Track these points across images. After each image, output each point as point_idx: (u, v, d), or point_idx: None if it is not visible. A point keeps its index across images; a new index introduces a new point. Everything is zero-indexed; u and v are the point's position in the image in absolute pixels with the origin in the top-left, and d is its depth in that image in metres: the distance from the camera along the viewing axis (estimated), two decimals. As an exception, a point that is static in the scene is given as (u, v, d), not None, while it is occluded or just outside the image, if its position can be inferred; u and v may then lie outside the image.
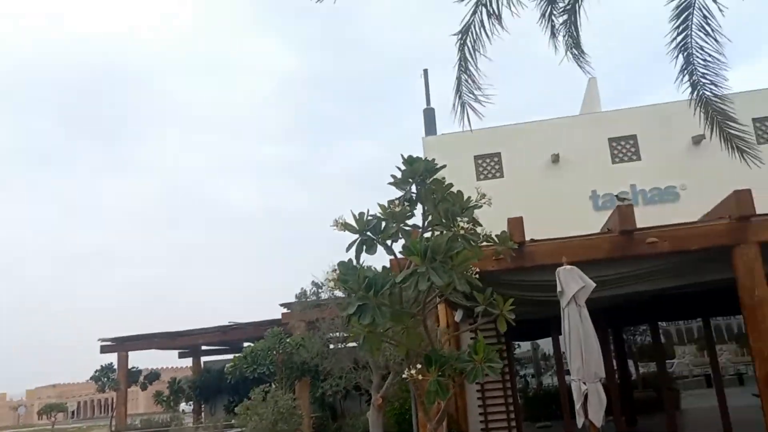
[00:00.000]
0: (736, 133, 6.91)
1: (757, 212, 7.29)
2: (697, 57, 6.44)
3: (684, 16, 6.35)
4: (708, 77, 6.54)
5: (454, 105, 6.99)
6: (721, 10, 5.98)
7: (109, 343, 21.95)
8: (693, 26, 6.33)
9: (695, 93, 6.65)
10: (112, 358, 22.54)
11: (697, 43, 6.38)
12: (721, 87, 6.56)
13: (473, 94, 6.92)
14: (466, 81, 6.87)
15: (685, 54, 6.49)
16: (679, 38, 6.45)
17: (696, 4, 6.17)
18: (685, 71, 6.57)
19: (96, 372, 22.99)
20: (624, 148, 14.61)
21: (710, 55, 6.37)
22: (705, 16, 6.20)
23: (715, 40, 6.23)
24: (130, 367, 22.67)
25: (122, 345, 21.94)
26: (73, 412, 75.62)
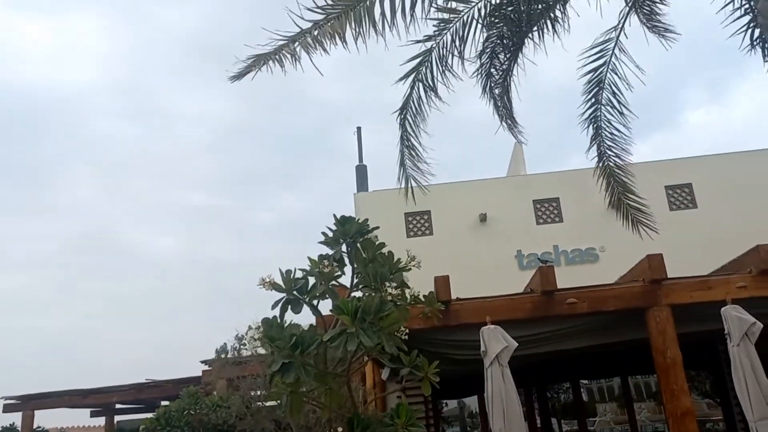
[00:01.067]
0: (635, 204, 7.36)
1: (669, 275, 7.66)
2: (605, 130, 6.91)
3: (594, 91, 6.84)
4: (614, 149, 7.01)
5: (398, 177, 7.22)
6: (628, 88, 6.48)
7: (13, 401, 20.41)
8: (602, 101, 6.81)
9: (602, 163, 7.10)
10: (16, 417, 20.93)
11: (605, 116, 6.86)
12: (624, 159, 7.02)
13: (417, 167, 7.19)
14: (409, 155, 7.11)
15: (595, 126, 6.95)
16: (590, 111, 6.92)
17: (606, 82, 6.66)
18: (594, 141, 7.03)
19: (-4, 433, 21.29)
20: (548, 210, 15.20)
21: (617, 129, 6.86)
22: (614, 93, 6.69)
23: (621, 114, 6.71)
24: (35, 427, 21.08)
25: (28, 403, 20.41)
26: (-34, 478, 69.19)
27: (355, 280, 4.55)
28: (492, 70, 7.61)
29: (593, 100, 6.77)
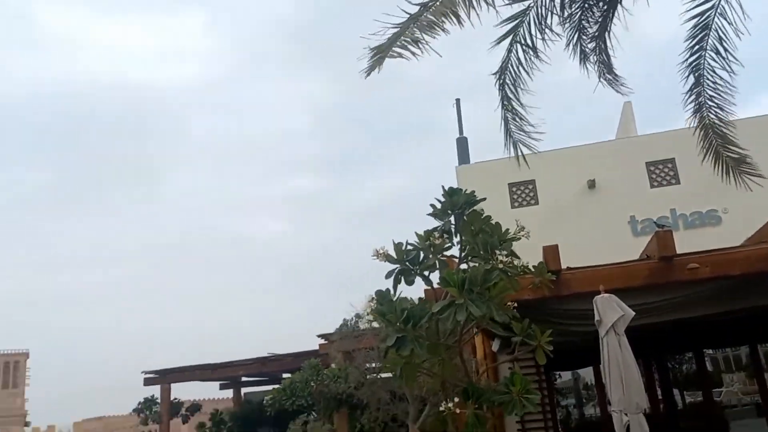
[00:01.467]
0: (736, 156, 6.84)
1: (802, 236, 7.12)
2: (708, 79, 6.42)
3: (699, 36, 6.35)
4: (715, 100, 6.51)
5: (504, 143, 7.14)
6: (737, 34, 5.98)
7: (152, 375, 22.27)
8: (707, 48, 6.33)
9: (699, 114, 6.63)
10: (155, 390, 22.82)
11: (709, 64, 6.37)
12: (727, 111, 6.52)
13: (523, 131, 7.07)
14: (513, 119, 6.99)
15: (696, 75, 6.48)
16: (692, 58, 6.45)
17: (712, 27, 6.18)
18: (693, 92, 6.56)
19: (139, 404, 23.33)
20: (662, 172, 14.43)
21: (720, 78, 6.35)
22: (720, 39, 6.19)
23: (728, 64, 6.20)
24: (172, 398, 22.90)
25: (165, 377, 22.20)
26: (117, 444, 77.04)
27: (464, 252, 4.59)
28: (584, 23, 7.29)
29: (697, 47, 6.28)
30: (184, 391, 26.50)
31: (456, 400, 3.96)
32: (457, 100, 17.63)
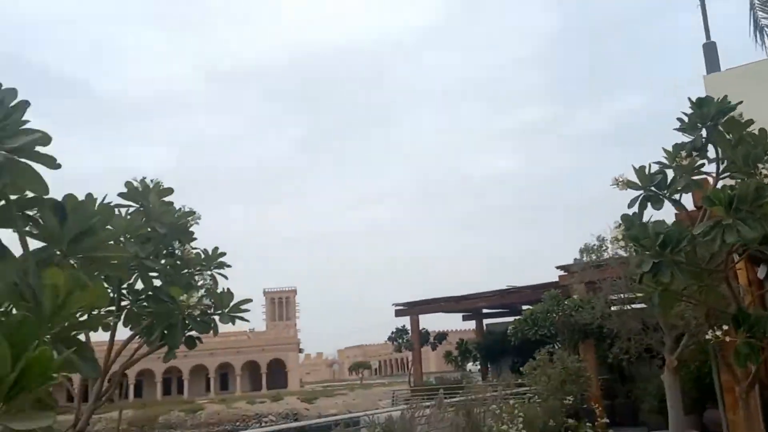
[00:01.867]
0: None
1: None
2: None
3: None
4: None
5: (753, 34, 6.25)
6: None
7: (401, 307, 24.13)
8: None
9: None
10: (405, 321, 24.80)
11: None
12: None
13: None
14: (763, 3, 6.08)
15: None
16: None
17: None
18: None
19: (392, 333, 25.62)
20: None
21: None
22: None
23: None
24: (420, 328, 24.68)
25: (413, 309, 23.91)
26: (375, 370, 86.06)
27: (721, 167, 4.16)
28: None
29: None
30: (429, 322, 28.45)
31: (726, 328, 3.69)
32: (702, 0, 15.54)
